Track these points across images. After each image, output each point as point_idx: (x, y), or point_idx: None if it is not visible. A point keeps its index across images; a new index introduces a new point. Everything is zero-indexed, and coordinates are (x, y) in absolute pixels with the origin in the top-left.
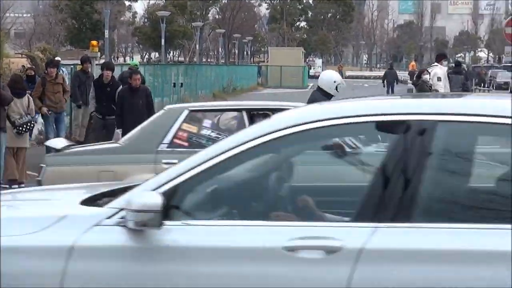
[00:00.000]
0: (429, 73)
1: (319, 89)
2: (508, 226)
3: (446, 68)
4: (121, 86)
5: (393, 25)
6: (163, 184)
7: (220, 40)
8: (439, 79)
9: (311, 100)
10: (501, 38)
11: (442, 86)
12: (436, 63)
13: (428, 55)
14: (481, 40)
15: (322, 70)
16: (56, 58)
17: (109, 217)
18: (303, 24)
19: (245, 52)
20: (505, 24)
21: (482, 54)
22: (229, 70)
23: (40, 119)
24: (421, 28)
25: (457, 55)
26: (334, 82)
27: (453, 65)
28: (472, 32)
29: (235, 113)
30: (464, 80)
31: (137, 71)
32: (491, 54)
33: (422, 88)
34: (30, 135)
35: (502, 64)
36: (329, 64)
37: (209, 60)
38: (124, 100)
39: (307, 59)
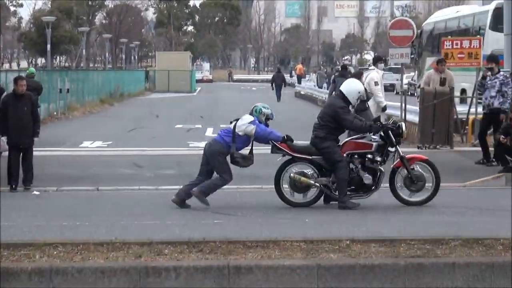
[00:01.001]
0: (365, 77)
1: (342, 94)
2: None
3: (382, 72)
4: (5, 92)
5: (280, 29)
6: None
7: (107, 45)
8: (376, 83)
9: (329, 104)
10: (387, 41)
11: (380, 89)
12: (373, 67)
13: (316, 58)
14: (367, 42)
15: (210, 74)
16: None
17: None
18: (190, 28)
19: (132, 57)
20: (389, 27)
21: (368, 56)
22: (116, 75)
23: None
24: (308, 31)
25: (343, 58)
26: (359, 93)
27: (339, 68)
28: (358, 35)
29: None
30: None
31: (22, 77)
32: None
33: None
34: None
35: (388, 66)
36: (217, 68)
37: (96, 65)
38: (7, 107)
39: (195, 63)
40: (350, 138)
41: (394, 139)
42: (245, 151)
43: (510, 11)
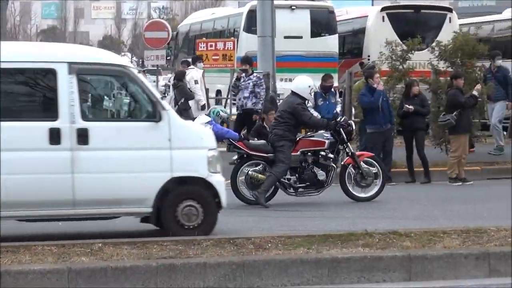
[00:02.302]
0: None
1: (294, 93)
2: None
3: (202, 71)
4: None
5: (37, 30)
6: None
7: None
8: (196, 82)
9: (287, 102)
10: (143, 42)
11: (200, 88)
12: (192, 66)
13: None
14: (124, 44)
15: None
16: None
17: None
18: None
19: None
20: (144, 29)
21: (126, 58)
22: None
23: None
24: (64, 33)
25: None
26: (309, 86)
27: None
28: (116, 37)
29: None
30: None
31: None
32: (134, 58)
33: (183, 90)
34: None
35: (146, 68)
36: None
37: None
38: None
39: None
40: (303, 135)
41: (345, 137)
42: None
43: (263, 13)
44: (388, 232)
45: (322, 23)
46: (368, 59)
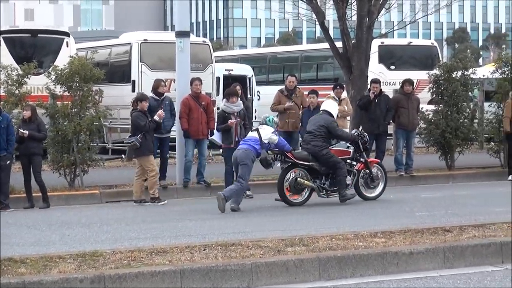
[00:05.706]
0: None
1: (328, 112)
2: None
3: None
4: None
5: None
6: None
7: None
8: None
9: (323, 119)
10: None
11: None
12: None
13: None
14: None
15: None
16: None
17: None
18: None
19: None
20: None
21: None
22: None
23: None
24: None
25: None
26: (337, 110)
27: None
28: None
29: None
30: None
31: None
32: None
33: None
34: None
35: None
36: None
37: None
38: None
39: None
40: (331, 146)
41: (362, 147)
42: None
43: None
44: (3, 259)
45: None
46: None
